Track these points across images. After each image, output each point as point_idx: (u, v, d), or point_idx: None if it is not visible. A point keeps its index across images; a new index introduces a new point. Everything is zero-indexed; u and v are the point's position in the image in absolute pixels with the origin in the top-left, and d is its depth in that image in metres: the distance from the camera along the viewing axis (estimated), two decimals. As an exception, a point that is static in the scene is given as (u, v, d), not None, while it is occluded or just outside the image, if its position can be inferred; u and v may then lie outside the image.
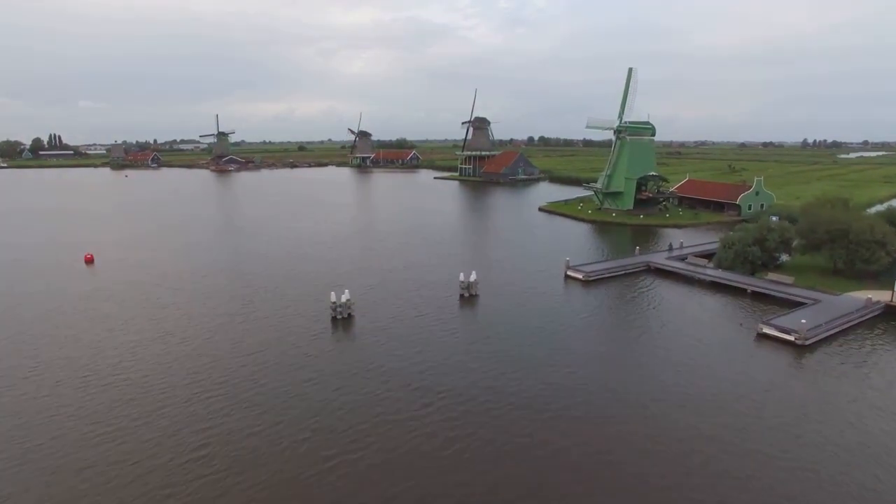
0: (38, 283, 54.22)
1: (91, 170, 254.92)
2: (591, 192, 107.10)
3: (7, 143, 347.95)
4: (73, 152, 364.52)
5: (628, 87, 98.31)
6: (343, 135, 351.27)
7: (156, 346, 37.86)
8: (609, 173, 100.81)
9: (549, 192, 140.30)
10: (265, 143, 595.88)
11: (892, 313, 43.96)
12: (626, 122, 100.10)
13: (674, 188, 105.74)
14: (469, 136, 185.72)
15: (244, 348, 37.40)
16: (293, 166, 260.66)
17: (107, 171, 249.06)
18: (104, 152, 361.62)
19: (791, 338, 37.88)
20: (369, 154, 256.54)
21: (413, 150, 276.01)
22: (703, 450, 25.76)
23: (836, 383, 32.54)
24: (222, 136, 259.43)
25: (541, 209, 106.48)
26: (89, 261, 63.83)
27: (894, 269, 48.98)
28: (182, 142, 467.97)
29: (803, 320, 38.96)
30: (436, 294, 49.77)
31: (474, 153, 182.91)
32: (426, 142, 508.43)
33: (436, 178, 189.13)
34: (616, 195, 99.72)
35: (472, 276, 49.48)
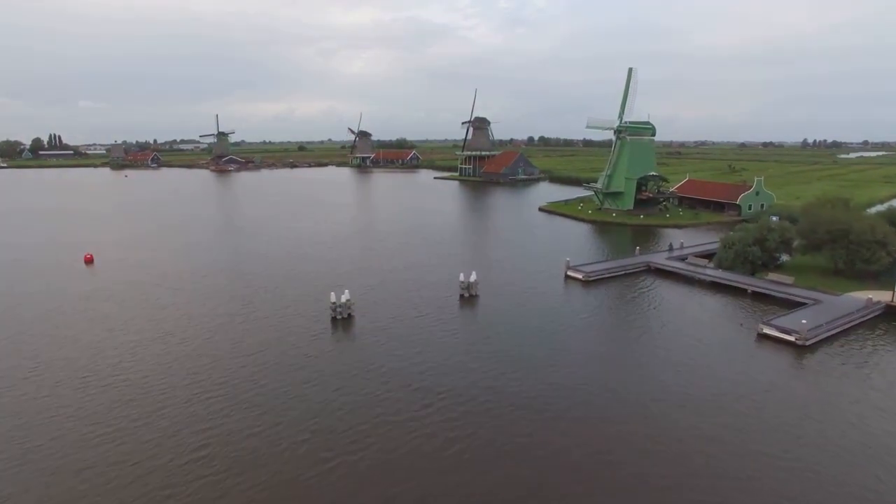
0: (37, 284, 54.19)
1: (91, 170, 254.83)
2: (591, 193, 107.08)
3: (7, 143, 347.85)
4: (73, 152, 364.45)
5: (628, 87, 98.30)
6: (343, 135, 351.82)
7: (155, 347, 37.83)
8: (609, 173, 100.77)
9: (549, 192, 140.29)
10: (265, 143, 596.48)
11: (892, 313, 43.93)
12: (626, 122, 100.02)
13: (674, 188, 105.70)
14: (469, 136, 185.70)
15: (244, 349, 37.37)
16: (293, 166, 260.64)
17: (107, 171, 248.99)
18: (104, 152, 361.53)
19: (792, 338, 37.84)
20: (369, 154, 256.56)
21: (413, 150, 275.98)
22: (703, 450, 25.74)
23: (837, 384, 32.51)
24: (222, 136, 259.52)
25: (541, 209, 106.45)
26: (89, 261, 63.80)
27: (895, 270, 48.95)
28: (182, 142, 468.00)
29: (804, 321, 38.93)
30: (436, 294, 49.73)
31: (474, 153, 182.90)
32: (426, 142, 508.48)
33: (436, 178, 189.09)
34: (616, 195, 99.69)
35: (473, 277, 49.45)
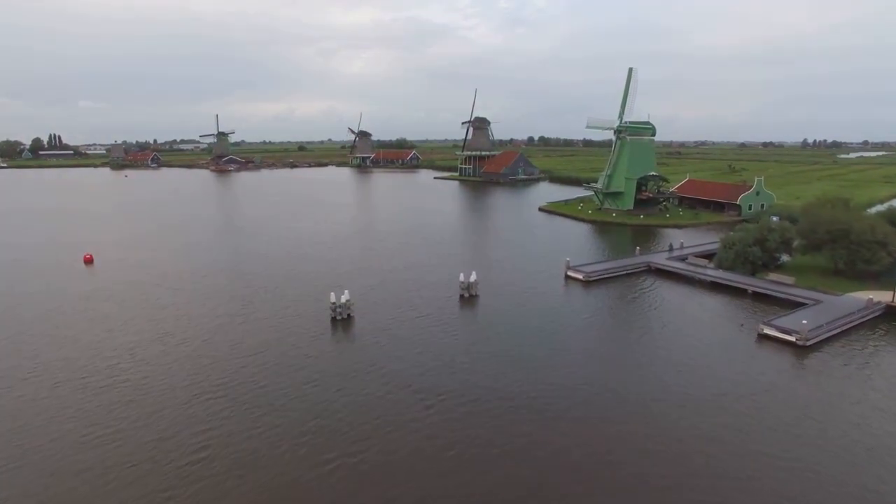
0: (37, 284, 54.13)
1: (91, 170, 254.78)
2: (591, 193, 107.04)
3: (7, 143, 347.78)
4: (72, 152, 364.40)
5: (628, 87, 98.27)
6: (343, 135, 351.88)
7: (155, 347, 37.77)
8: (609, 173, 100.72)
9: (549, 192, 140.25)
10: (265, 143, 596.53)
11: (893, 314, 43.88)
12: (626, 122, 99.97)
13: (674, 188, 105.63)
14: (469, 136, 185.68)
15: (244, 349, 37.33)
16: (293, 166, 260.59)
17: (106, 171, 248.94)
18: (104, 152, 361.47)
19: (792, 338, 37.79)
20: (369, 154, 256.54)
21: (413, 150, 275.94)
22: (703, 450, 25.71)
23: (837, 384, 32.47)
24: (222, 136, 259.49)
25: (541, 209, 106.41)
26: (89, 261, 63.75)
27: (895, 270, 48.90)
28: (182, 142, 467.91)
29: (804, 321, 38.89)
30: (436, 294, 49.68)
31: (474, 153, 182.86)
32: (426, 142, 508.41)
33: (436, 178, 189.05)
34: (616, 195, 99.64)
35: (473, 277, 49.40)
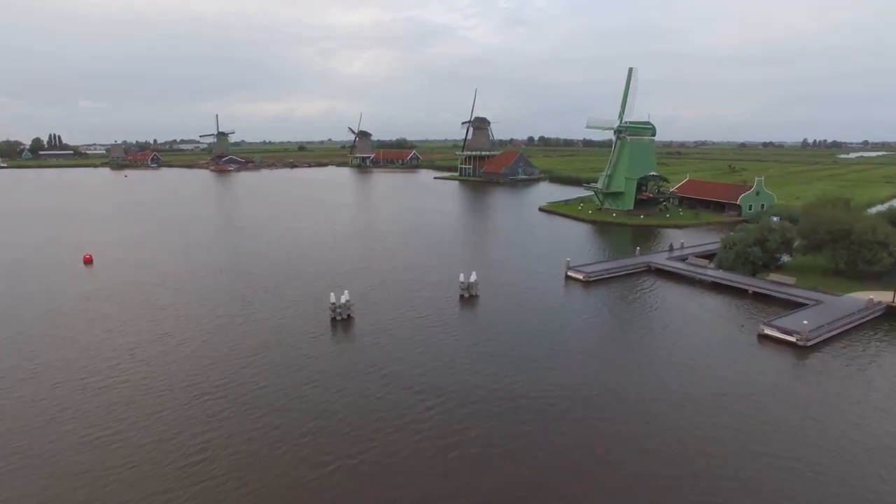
0: (37, 284, 54.07)
1: (91, 170, 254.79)
2: (591, 193, 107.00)
3: (7, 143, 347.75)
4: (72, 152, 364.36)
5: (628, 87, 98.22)
6: (343, 135, 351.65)
7: (155, 348, 37.71)
8: (609, 173, 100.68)
9: (549, 192, 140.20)
10: (265, 143, 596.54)
11: (894, 314, 43.83)
12: (626, 122, 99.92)
13: (674, 188, 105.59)
14: (469, 136, 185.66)
15: (244, 350, 37.26)
16: (293, 166, 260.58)
17: (106, 171, 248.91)
18: (104, 152, 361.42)
19: (793, 339, 37.73)
20: (369, 154, 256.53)
21: (413, 150, 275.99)
22: (703, 450, 25.67)
23: (838, 385, 32.41)
24: (222, 136, 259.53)
25: (541, 209, 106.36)
26: (88, 261, 63.68)
27: (896, 270, 48.88)
28: (182, 142, 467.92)
29: (805, 321, 38.83)
30: (436, 295, 49.63)
31: (474, 153, 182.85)
32: (426, 142, 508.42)
33: (436, 178, 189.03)
34: (616, 195, 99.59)
35: (473, 277, 49.34)
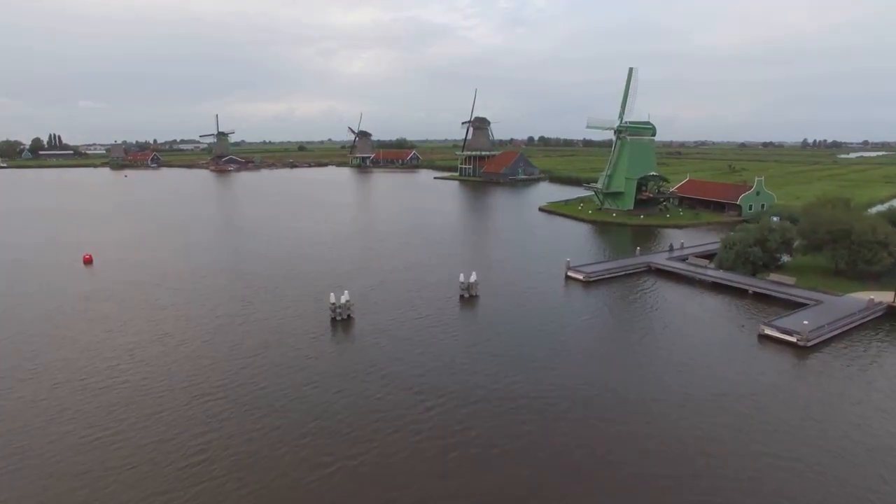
0: (37, 284, 54.03)
1: (91, 170, 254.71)
2: (591, 193, 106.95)
3: (7, 143, 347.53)
4: (72, 152, 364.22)
5: (629, 87, 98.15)
6: (343, 135, 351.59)
7: (155, 348, 37.67)
8: (609, 173, 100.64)
9: (549, 192, 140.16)
10: (265, 143, 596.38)
11: (894, 314, 43.79)
12: (626, 122, 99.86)
13: (674, 188, 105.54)
14: (469, 136, 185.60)
15: (244, 350, 37.22)
16: (293, 166, 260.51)
17: (106, 171, 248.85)
18: (104, 152, 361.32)
19: (793, 339, 37.69)
20: (369, 154, 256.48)
21: (413, 150, 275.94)
22: (703, 450, 25.66)
23: (839, 385, 32.38)
24: (222, 136, 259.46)
25: (541, 209, 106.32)
26: (88, 261, 63.64)
27: (896, 270, 48.85)
28: (182, 142, 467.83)
29: (805, 321, 38.79)
30: (436, 295, 49.59)
31: (474, 153, 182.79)
32: (426, 142, 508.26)
33: (436, 178, 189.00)
34: (616, 195, 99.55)
35: (473, 277, 49.30)
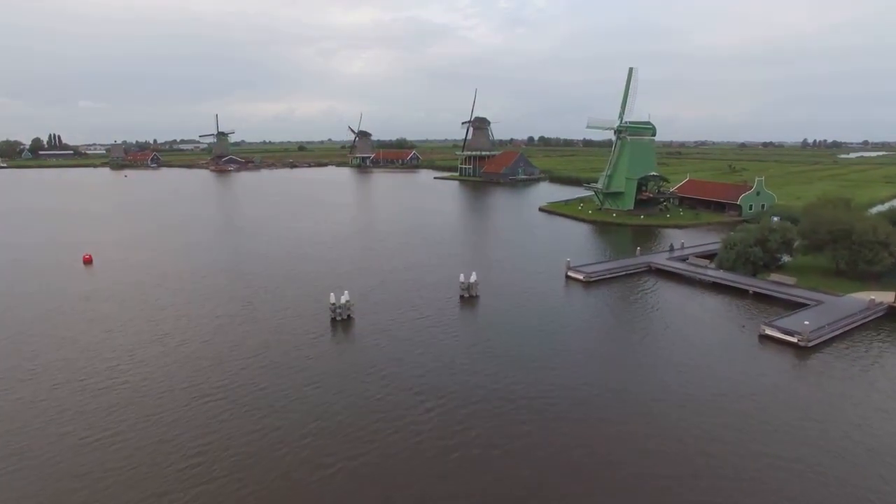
0: (37, 284, 53.99)
1: (91, 170, 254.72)
2: (591, 193, 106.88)
3: (7, 143, 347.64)
4: (72, 152, 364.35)
5: (629, 86, 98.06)
6: (343, 135, 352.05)
7: (155, 349, 37.62)
8: (609, 173, 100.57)
9: (549, 192, 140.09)
10: (265, 143, 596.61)
11: (895, 314, 43.70)
12: (626, 122, 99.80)
13: (674, 188, 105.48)
14: (469, 136, 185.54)
15: (244, 351, 37.17)
16: (293, 166, 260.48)
17: (106, 171, 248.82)
18: (104, 152, 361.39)
19: (794, 339, 37.63)
20: (369, 154, 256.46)
21: (413, 150, 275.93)
22: (703, 450, 25.62)
23: (839, 385, 32.32)
24: (222, 136, 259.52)
25: (541, 209, 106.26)
26: (88, 261, 63.58)
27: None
28: (182, 142, 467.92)
29: (806, 322, 38.72)
30: (436, 295, 49.54)
31: (474, 153, 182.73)
32: (426, 142, 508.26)
33: (436, 178, 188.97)
34: (616, 195, 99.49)
35: (473, 277, 49.25)
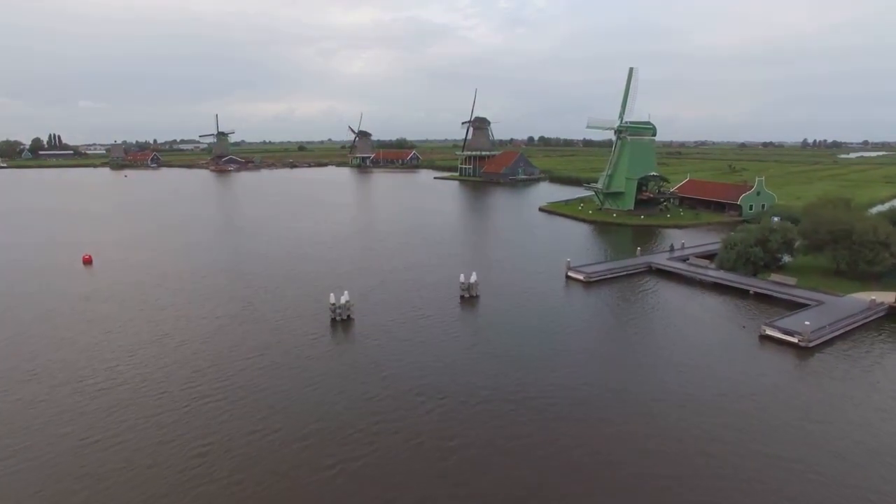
0: (36, 284, 53.95)
1: (91, 170, 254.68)
2: (591, 193, 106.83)
3: (7, 143, 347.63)
4: (72, 152, 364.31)
5: (629, 86, 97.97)
6: (343, 135, 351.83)
7: (154, 349, 37.57)
8: (610, 173, 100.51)
9: (549, 192, 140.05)
10: (265, 143, 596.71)
11: (895, 315, 43.67)
12: (626, 122, 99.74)
13: (674, 188, 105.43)
14: (469, 136, 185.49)
15: (243, 351, 37.13)
16: (293, 166, 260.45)
17: (106, 171, 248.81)
18: (104, 152, 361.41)
19: (794, 340, 37.59)
20: (369, 154, 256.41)
21: (413, 150, 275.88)
22: (703, 450, 25.59)
23: (840, 386, 32.27)
24: (222, 136, 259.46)
25: (541, 209, 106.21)
26: (87, 261, 63.53)
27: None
28: (182, 142, 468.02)
29: (807, 322, 38.67)
30: (436, 295, 49.50)
31: (474, 153, 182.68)
32: (426, 142, 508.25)
33: (436, 178, 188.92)
34: (617, 195, 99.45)
35: (473, 277, 49.21)
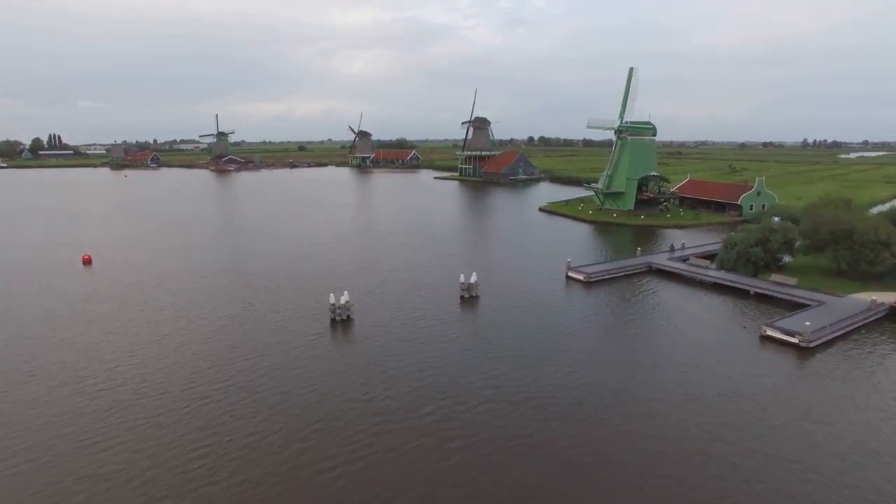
0: (36, 284, 53.89)
1: (90, 170, 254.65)
2: (591, 193, 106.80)
3: (7, 143, 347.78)
4: (72, 152, 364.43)
5: (629, 86, 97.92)
6: (343, 135, 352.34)
7: (154, 350, 37.51)
8: (610, 173, 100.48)
9: (549, 192, 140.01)
10: (265, 143, 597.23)
11: (896, 315, 43.64)
12: (627, 122, 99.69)
13: (675, 188, 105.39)
14: (469, 136, 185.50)
15: (243, 352, 37.07)
16: (293, 166, 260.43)
17: (106, 171, 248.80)
18: (104, 152, 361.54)
19: (795, 340, 37.54)
20: (369, 154, 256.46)
21: (413, 150, 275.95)
22: (703, 450, 25.54)
23: (841, 386, 32.22)
24: (222, 136, 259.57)
25: (541, 209, 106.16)
26: (87, 262, 63.47)
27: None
28: (182, 142, 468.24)
29: (807, 322, 38.62)
30: (436, 295, 49.44)
31: (474, 153, 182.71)
32: (426, 142, 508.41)
33: (436, 178, 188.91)
34: (617, 195, 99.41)
35: (473, 277, 49.16)
